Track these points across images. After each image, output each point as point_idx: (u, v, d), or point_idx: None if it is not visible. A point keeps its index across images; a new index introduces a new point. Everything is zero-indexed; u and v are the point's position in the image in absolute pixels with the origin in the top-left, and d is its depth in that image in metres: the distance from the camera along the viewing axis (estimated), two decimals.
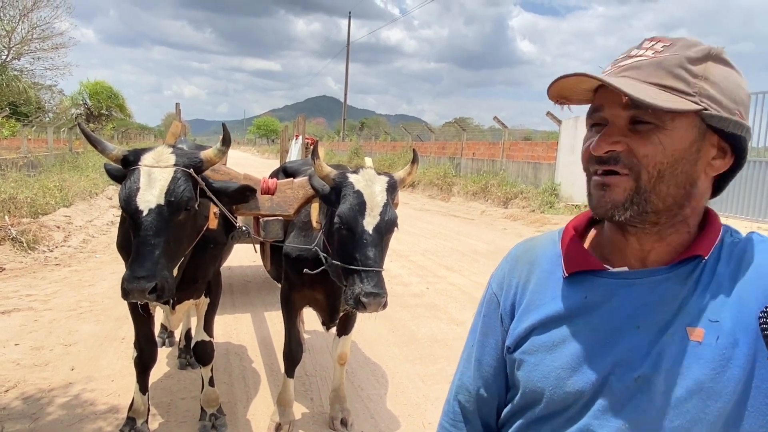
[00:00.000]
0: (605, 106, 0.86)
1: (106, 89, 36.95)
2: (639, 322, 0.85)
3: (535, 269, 0.99)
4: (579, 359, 0.87)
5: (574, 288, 0.92)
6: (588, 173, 0.91)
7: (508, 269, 1.04)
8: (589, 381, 0.85)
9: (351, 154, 25.78)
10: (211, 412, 3.07)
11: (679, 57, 0.82)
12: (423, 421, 3.28)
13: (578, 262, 0.93)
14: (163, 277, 2.06)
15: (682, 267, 0.86)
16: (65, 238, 8.05)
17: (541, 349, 0.92)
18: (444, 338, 4.72)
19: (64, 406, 3.26)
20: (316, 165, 2.43)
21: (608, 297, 0.88)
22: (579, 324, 0.89)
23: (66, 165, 15.72)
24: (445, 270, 7.36)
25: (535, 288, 0.97)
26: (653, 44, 0.86)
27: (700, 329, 0.81)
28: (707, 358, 0.80)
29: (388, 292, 2.25)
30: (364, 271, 2.21)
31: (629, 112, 0.83)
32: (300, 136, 6.71)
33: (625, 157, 0.84)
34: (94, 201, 11.52)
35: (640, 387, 0.82)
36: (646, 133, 0.83)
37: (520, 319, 0.97)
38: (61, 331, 4.52)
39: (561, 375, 0.88)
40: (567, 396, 0.87)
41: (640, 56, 0.85)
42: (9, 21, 20.72)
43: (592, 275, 0.91)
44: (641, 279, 0.88)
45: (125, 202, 2.13)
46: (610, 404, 0.84)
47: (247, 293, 5.90)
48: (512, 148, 16.78)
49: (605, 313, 0.88)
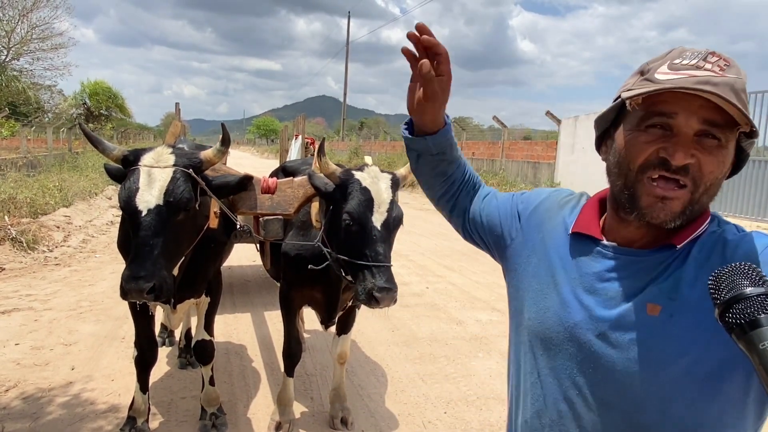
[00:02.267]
0: (680, 113, 0.90)
1: (105, 89, 36.91)
2: (608, 290, 0.99)
3: (553, 215, 1.16)
4: (556, 306, 1.04)
5: (572, 244, 1.08)
6: (637, 176, 0.95)
7: (539, 198, 1.23)
8: (563, 327, 1.02)
9: (351, 154, 25.77)
10: (212, 411, 3.07)
11: (742, 81, 0.88)
12: (423, 420, 3.29)
13: (583, 225, 1.08)
14: (161, 277, 2.06)
15: (659, 253, 0.98)
16: (65, 238, 8.05)
17: (532, 284, 1.11)
18: (444, 337, 4.72)
19: (65, 405, 3.26)
20: (322, 162, 2.44)
21: (593, 263, 1.03)
22: (563, 276, 1.06)
23: (65, 165, 15.71)
24: (445, 269, 7.37)
25: (549, 229, 1.14)
26: (717, 60, 0.89)
27: (657, 305, 0.93)
28: (660, 331, 0.92)
29: (398, 287, 2.26)
30: (376, 267, 2.23)
31: (701, 126, 0.89)
32: (299, 136, 6.70)
33: (694, 170, 0.91)
34: (94, 201, 11.51)
35: (601, 343, 0.97)
36: (711, 149, 0.90)
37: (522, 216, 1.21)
38: (62, 330, 4.52)
39: (546, 314, 1.06)
40: (546, 333, 1.05)
41: (710, 71, 0.88)
42: (8, 21, 20.72)
43: (589, 240, 1.06)
44: (622, 256, 1.01)
45: (124, 202, 2.14)
46: (578, 349, 1.00)
47: (247, 293, 5.91)
48: (512, 147, 16.79)
49: (586, 275, 1.03)
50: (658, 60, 0.95)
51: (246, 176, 2.54)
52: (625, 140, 0.97)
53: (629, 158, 0.95)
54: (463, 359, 4.22)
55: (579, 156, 13.39)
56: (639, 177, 0.94)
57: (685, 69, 0.89)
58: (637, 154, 0.94)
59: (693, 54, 0.91)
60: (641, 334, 0.94)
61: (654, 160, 0.92)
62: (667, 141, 0.91)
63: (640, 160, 0.94)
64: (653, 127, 0.92)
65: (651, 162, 0.92)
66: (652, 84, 0.91)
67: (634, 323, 0.95)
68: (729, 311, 0.75)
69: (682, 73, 0.88)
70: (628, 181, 0.96)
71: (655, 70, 0.92)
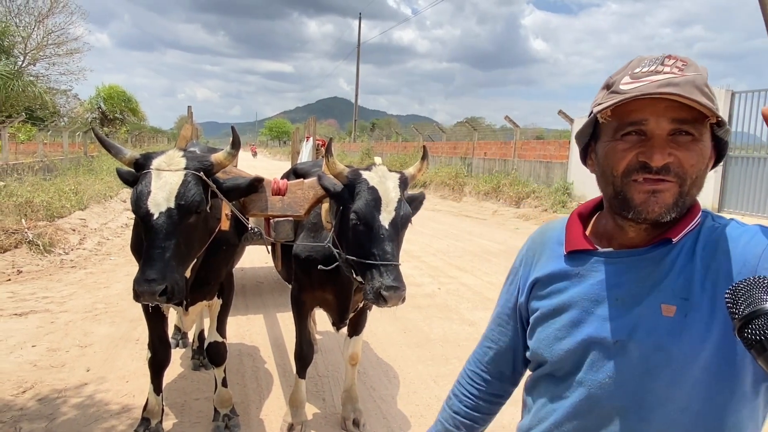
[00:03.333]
0: (650, 118, 0.95)
1: (119, 93, 37.30)
2: (618, 295, 1.00)
3: (545, 248, 1.17)
4: (570, 325, 1.04)
5: (570, 263, 1.09)
6: (623, 181, 0.99)
7: (526, 248, 1.25)
8: (576, 342, 1.02)
9: (362, 155, 25.81)
10: (225, 412, 3.08)
11: (702, 77, 0.93)
12: None
13: (576, 242, 1.10)
14: (173, 280, 2.09)
15: (657, 249, 1.00)
16: (80, 240, 8.15)
17: (545, 317, 1.10)
18: (456, 339, 4.71)
19: (80, 406, 3.30)
20: (330, 162, 2.44)
21: (595, 273, 1.05)
22: (572, 294, 1.06)
23: (81, 169, 15.92)
24: (457, 270, 7.34)
25: (544, 262, 1.15)
26: (674, 62, 0.95)
27: (672, 306, 0.95)
28: (677, 331, 0.93)
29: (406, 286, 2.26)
30: (383, 266, 2.22)
31: (672, 125, 0.95)
32: (311, 138, 6.72)
33: (675, 167, 0.95)
34: (109, 204, 11.64)
35: (619, 350, 0.97)
36: (687, 144, 0.95)
37: (531, 282, 1.17)
38: (77, 332, 4.57)
39: (557, 336, 1.06)
40: (561, 355, 1.05)
41: (669, 73, 0.93)
42: (25, 27, 21.03)
43: (586, 254, 1.08)
44: (621, 258, 1.03)
45: (136, 205, 2.16)
46: (596, 362, 1.00)
47: (260, 294, 5.93)
48: (524, 147, 16.69)
49: (592, 286, 1.04)
50: (620, 72, 1.00)
51: (256, 178, 2.55)
52: (605, 151, 1.02)
53: (611, 166, 1.00)
54: None
55: None
56: (625, 181, 0.99)
57: (645, 76, 0.94)
58: (618, 161, 0.99)
59: (651, 60, 0.97)
60: (659, 336, 0.95)
61: (635, 165, 0.97)
62: (643, 145, 0.96)
63: (622, 167, 0.99)
64: (628, 135, 0.98)
65: (632, 167, 0.97)
66: (618, 95, 0.96)
67: (651, 326, 0.96)
68: (748, 327, 0.74)
69: (644, 80, 0.94)
70: (616, 186, 1.00)
71: (619, 82, 0.98)
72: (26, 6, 20.96)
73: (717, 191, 10.66)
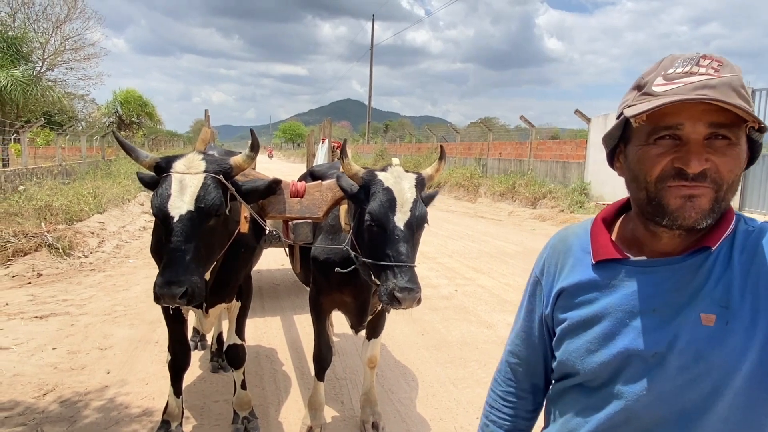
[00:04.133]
0: (686, 123, 0.91)
1: (136, 98, 37.72)
2: (655, 306, 0.96)
3: (569, 256, 1.12)
4: (603, 336, 1.00)
5: (600, 273, 1.04)
6: (657, 186, 0.95)
7: (546, 256, 1.19)
8: (611, 354, 0.98)
9: (376, 157, 25.81)
10: (244, 415, 3.08)
11: (739, 79, 0.90)
12: (455, 425, 3.25)
13: (605, 251, 1.05)
14: (193, 282, 2.09)
15: (694, 257, 0.96)
16: (99, 243, 8.24)
17: (574, 329, 1.05)
18: (474, 341, 4.67)
19: (100, 409, 3.32)
20: (345, 164, 2.43)
21: (629, 282, 1.00)
22: (604, 305, 1.01)
23: (99, 172, 16.12)
24: (474, 272, 7.29)
25: (569, 271, 1.10)
26: (710, 63, 0.90)
27: (712, 315, 0.91)
28: (718, 340, 0.90)
29: (421, 288, 2.23)
30: (398, 267, 2.20)
31: (709, 130, 0.90)
32: (326, 140, 6.73)
33: (712, 173, 0.91)
34: (127, 207, 11.76)
35: (658, 362, 0.93)
36: (723, 149, 0.91)
37: (557, 292, 1.12)
38: (97, 335, 4.61)
39: (589, 348, 1.01)
40: (595, 367, 1.00)
41: (705, 74, 0.89)
42: (43, 33, 21.30)
43: (616, 263, 1.03)
44: (658, 267, 0.99)
45: (157, 208, 2.17)
46: (633, 375, 0.96)
47: (277, 296, 5.94)
48: (540, 147, 16.56)
49: (626, 297, 0.99)
50: (652, 72, 0.96)
51: (274, 180, 2.55)
52: (637, 155, 0.98)
53: (645, 172, 0.96)
54: (495, 363, 4.11)
55: None
56: (659, 186, 0.94)
57: (680, 77, 0.90)
58: (652, 167, 0.95)
59: (685, 60, 0.92)
60: (700, 346, 0.91)
61: (670, 171, 0.93)
62: (679, 150, 0.92)
63: (656, 173, 0.94)
64: (662, 139, 0.93)
65: (667, 173, 0.93)
66: (652, 98, 0.92)
67: (691, 337, 0.92)
68: None
69: (678, 81, 0.90)
70: (650, 192, 0.96)
71: (652, 83, 0.94)
72: (44, 12, 21.24)
73: (738, 190, 10.47)
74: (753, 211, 10.03)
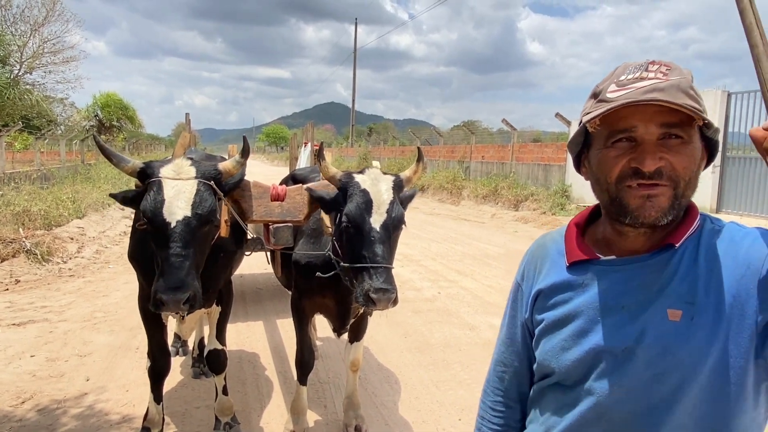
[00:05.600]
0: (638, 125, 0.96)
1: (116, 101, 37.32)
2: (623, 303, 1.01)
3: (546, 260, 1.17)
4: (576, 334, 1.04)
5: (573, 274, 1.09)
6: (618, 187, 1.00)
7: (526, 261, 1.24)
8: (584, 351, 1.02)
9: (360, 160, 25.81)
10: (226, 420, 3.07)
11: (687, 80, 0.95)
12: (437, 427, 3.26)
13: (576, 252, 1.11)
14: (195, 288, 2.10)
15: (660, 254, 1.01)
16: (79, 249, 8.12)
17: (550, 328, 1.09)
18: (457, 343, 4.69)
19: (79, 416, 3.27)
20: (322, 167, 2.44)
21: (599, 282, 1.05)
22: (577, 304, 1.06)
23: (78, 177, 15.87)
24: (457, 274, 7.33)
25: (545, 274, 1.15)
26: (658, 68, 0.97)
27: (678, 311, 0.95)
28: (684, 335, 0.94)
29: (397, 289, 2.24)
30: (373, 268, 2.21)
31: (661, 130, 0.96)
32: (309, 143, 6.71)
33: (667, 170, 0.96)
34: (107, 212, 11.61)
35: (628, 357, 0.97)
36: (677, 148, 0.96)
37: (535, 294, 1.16)
38: (76, 342, 4.55)
39: (563, 346, 1.06)
40: (569, 365, 1.04)
41: (654, 78, 0.95)
42: (21, 36, 20.95)
43: (588, 263, 1.08)
44: (626, 265, 1.04)
45: (152, 214, 2.14)
46: (604, 371, 1.00)
47: (259, 301, 5.92)
48: (521, 150, 16.71)
49: (597, 295, 1.04)
50: (606, 80, 1.02)
51: (243, 171, 2.52)
52: (597, 159, 1.04)
53: (605, 174, 1.02)
54: (478, 365, 4.18)
55: None
56: (619, 187, 1.00)
57: (630, 83, 0.96)
58: (611, 168, 1.00)
59: (635, 67, 0.99)
60: (667, 341, 0.95)
61: (628, 171, 0.98)
62: (634, 151, 0.97)
63: (615, 174, 1.00)
64: (619, 142, 0.99)
65: (625, 173, 0.98)
66: (606, 103, 0.97)
67: (659, 332, 0.96)
68: None
69: (629, 87, 0.95)
70: (611, 193, 1.01)
71: (606, 90, 0.99)
72: (22, 15, 20.89)
73: (715, 192, 10.68)
74: (730, 213, 10.23)
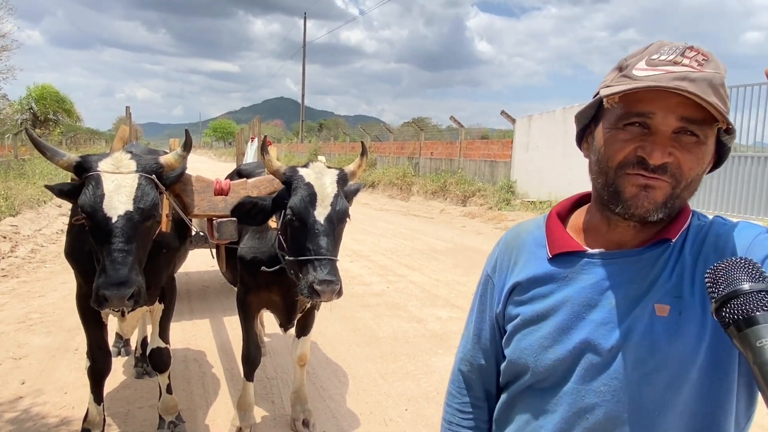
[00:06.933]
0: (658, 113, 0.88)
1: (53, 93, 35.57)
2: (612, 298, 0.94)
3: (523, 251, 1.08)
4: (559, 331, 0.96)
5: (556, 266, 1.01)
6: (618, 173, 0.93)
7: (498, 252, 1.14)
8: (567, 350, 0.95)
9: (310, 155, 25.61)
10: (170, 419, 3.02)
11: (721, 77, 0.86)
12: (384, 418, 3.32)
13: (560, 244, 1.02)
14: (139, 283, 2.07)
15: (653, 249, 0.95)
16: (12, 248, 7.75)
17: (527, 324, 1.01)
18: (405, 336, 4.77)
19: (14, 421, 3.15)
20: (266, 161, 2.44)
21: (585, 275, 0.98)
22: (559, 298, 0.98)
23: (11, 172, 15.07)
24: (406, 269, 7.43)
25: (522, 265, 1.07)
26: (695, 55, 0.87)
27: (666, 306, 0.90)
28: (672, 331, 0.89)
29: (342, 281, 2.27)
30: (317, 260, 2.23)
31: (679, 124, 0.88)
32: (255, 139, 6.64)
33: (673, 167, 0.89)
34: (42, 209, 11.11)
35: (614, 356, 0.91)
36: (690, 146, 0.89)
37: (510, 287, 1.07)
38: (10, 344, 4.35)
39: (543, 344, 0.97)
40: (549, 364, 0.96)
41: (688, 66, 0.86)
42: None
43: (573, 255, 1.00)
44: (615, 260, 0.97)
45: (92, 209, 2.09)
46: (589, 370, 0.93)
47: (206, 298, 5.82)
48: (469, 147, 17.01)
49: (582, 289, 0.97)
50: (637, 55, 0.92)
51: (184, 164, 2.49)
52: (604, 138, 0.95)
53: (608, 156, 0.94)
54: (424, 356, 4.27)
55: (533, 154, 13.69)
56: (619, 173, 0.93)
57: (662, 65, 0.87)
58: (616, 152, 0.92)
59: (671, 49, 0.89)
60: (655, 338, 0.89)
61: (632, 159, 0.91)
62: (645, 139, 0.89)
63: (618, 159, 0.92)
64: (631, 125, 0.91)
65: (629, 160, 0.91)
66: (630, 81, 0.89)
67: (647, 328, 0.90)
68: (725, 307, 0.73)
69: (660, 69, 0.87)
70: (609, 178, 0.94)
71: (633, 66, 0.90)
72: None
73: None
74: (731, 214, 9.43)
